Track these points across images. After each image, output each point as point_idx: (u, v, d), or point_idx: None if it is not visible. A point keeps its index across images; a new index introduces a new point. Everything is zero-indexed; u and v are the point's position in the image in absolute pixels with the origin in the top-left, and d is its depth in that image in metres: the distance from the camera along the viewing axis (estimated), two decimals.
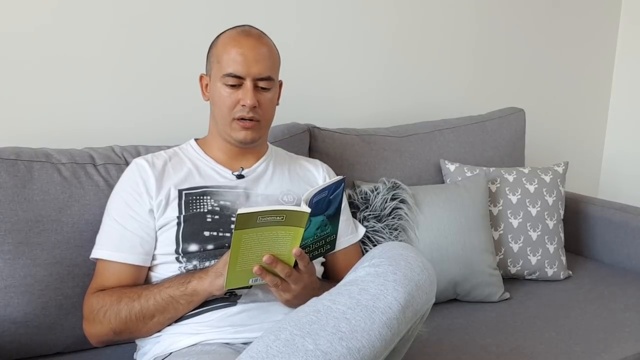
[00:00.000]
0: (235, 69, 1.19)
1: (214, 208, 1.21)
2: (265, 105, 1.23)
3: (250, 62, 1.19)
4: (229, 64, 1.20)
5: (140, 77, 1.61)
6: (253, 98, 1.19)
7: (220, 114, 1.23)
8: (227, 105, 1.21)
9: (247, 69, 1.19)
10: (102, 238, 1.21)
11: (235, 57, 1.19)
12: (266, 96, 1.23)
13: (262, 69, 1.20)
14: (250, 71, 1.19)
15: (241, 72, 1.19)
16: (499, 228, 1.71)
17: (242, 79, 1.20)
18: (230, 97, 1.20)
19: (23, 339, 1.24)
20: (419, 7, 2.05)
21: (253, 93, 1.20)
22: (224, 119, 1.23)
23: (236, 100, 1.20)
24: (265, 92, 1.23)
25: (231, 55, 1.20)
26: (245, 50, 1.20)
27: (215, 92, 1.23)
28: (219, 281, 1.07)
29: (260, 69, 1.20)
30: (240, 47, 1.20)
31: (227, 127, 1.23)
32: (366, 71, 1.99)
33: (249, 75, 1.19)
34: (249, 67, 1.19)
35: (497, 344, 1.38)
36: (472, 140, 1.90)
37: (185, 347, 1.11)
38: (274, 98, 1.27)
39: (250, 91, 1.19)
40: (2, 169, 1.25)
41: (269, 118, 1.28)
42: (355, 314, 0.90)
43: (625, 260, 1.87)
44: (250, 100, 1.19)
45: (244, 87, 1.20)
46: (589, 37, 2.51)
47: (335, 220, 1.09)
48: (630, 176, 2.62)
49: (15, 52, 1.45)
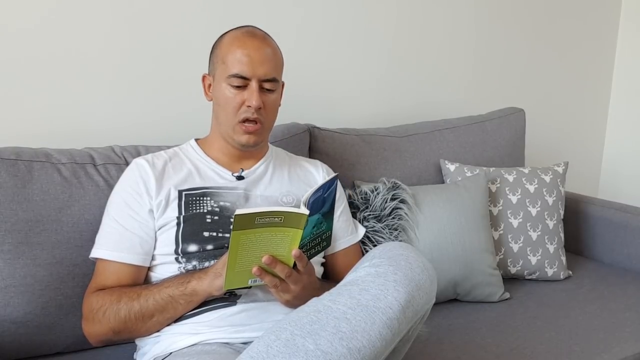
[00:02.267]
0: (241, 70, 1.19)
1: (214, 209, 1.21)
2: (269, 107, 1.23)
3: (255, 63, 1.19)
4: (234, 65, 1.19)
5: (141, 77, 1.61)
6: (259, 99, 1.19)
7: (225, 115, 1.23)
8: (233, 106, 1.21)
9: (252, 70, 1.19)
10: (101, 237, 1.21)
11: (241, 58, 1.19)
12: (271, 98, 1.23)
13: (267, 70, 1.20)
14: (256, 72, 1.19)
15: (247, 73, 1.19)
16: (499, 228, 1.71)
17: (248, 80, 1.20)
18: (235, 98, 1.20)
19: (23, 339, 1.24)
20: (419, 8, 2.05)
21: (258, 94, 1.19)
22: (228, 121, 1.23)
23: (241, 101, 1.20)
24: (269, 94, 1.23)
25: (236, 56, 1.19)
26: (250, 51, 1.19)
27: (220, 93, 1.22)
28: (218, 281, 1.07)
29: (266, 70, 1.20)
30: (245, 48, 1.20)
31: (230, 129, 1.23)
32: (366, 71, 1.99)
33: (255, 76, 1.19)
34: (255, 68, 1.19)
35: (497, 344, 1.38)
36: (472, 140, 1.90)
37: (185, 347, 1.11)
38: (277, 100, 1.26)
39: (256, 92, 1.19)
40: (2, 169, 1.25)
41: (272, 120, 1.28)
42: (356, 314, 0.90)
43: (625, 260, 1.87)
44: (255, 101, 1.19)
45: (249, 88, 1.20)
46: (589, 37, 2.52)
47: (330, 216, 1.09)
48: (630, 176, 2.62)
49: (15, 52, 1.44)
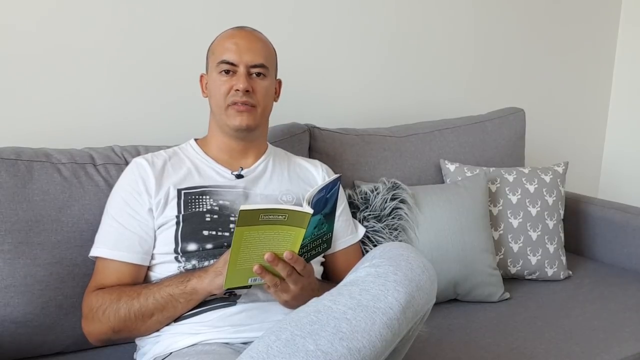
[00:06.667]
0: (228, 57, 1.23)
1: (213, 207, 1.21)
2: (260, 92, 1.24)
3: (242, 50, 1.23)
4: (222, 53, 1.24)
5: (140, 77, 1.61)
6: (245, 82, 1.21)
7: (216, 102, 1.25)
8: (222, 92, 1.23)
9: (239, 56, 1.22)
10: (101, 236, 1.21)
11: (229, 46, 1.24)
12: (261, 84, 1.25)
13: (254, 56, 1.23)
14: (243, 58, 1.23)
15: (234, 59, 1.22)
16: (499, 228, 1.71)
17: (236, 66, 1.23)
18: (224, 85, 1.23)
19: (23, 339, 1.24)
20: (419, 7, 2.05)
21: (246, 78, 1.22)
22: (219, 107, 1.25)
23: (230, 86, 1.23)
24: (259, 80, 1.25)
25: (225, 44, 1.24)
26: (238, 39, 1.24)
27: (211, 83, 1.26)
28: (218, 280, 1.07)
29: (253, 56, 1.23)
30: (233, 37, 1.25)
31: (223, 114, 1.25)
32: (366, 71, 1.99)
33: (242, 62, 1.23)
34: (242, 54, 1.23)
35: (497, 344, 1.38)
36: (472, 140, 1.90)
37: (185, 347, 1.11)
38: (269, 87, 1.27)
39: (243, 76, 1.22)
40: (2, 169, 1.25)
41: (265, 107, 1.28)
42: (356, 314, 0.90)
43: (625, 260, 1.87)
44: (242, 84, 1.21)
45: (237, 74, 1.23)
46: (589, 37, 2.52)
47: (331, 218, 1.09)
48: (630, 176, 2.62)
49: (15, 52, 1.45)
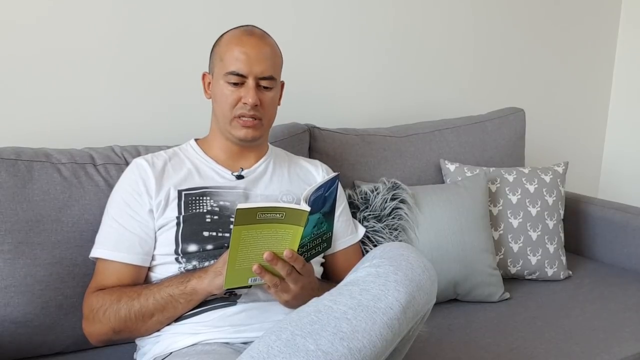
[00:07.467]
0: (238, 68, 1.20)
1: (214, 208, 1.21)
2: (266, 104, 1.24)
3: (252, 61, 1.20)
4: (231, 62, 1.20)
5: (141, 77, 1.60)
6: (255, 97, 1.20)
7: (222, 112, 1.23)
8: (229, 103, 1.21)
9: (249, 68, 1.20)
10: (101, 237, 1.21)
11: (238, 56, 1.20)
12: (268, 95, 1.23)
13: (264, 68, 1.21)
14: (252, 70, 1.20)
15: (244, 70, 1.20)
16: (499, 228, 1.71)
17: (245, 78, 1.20)
18: (232, 95, 1.21)
19: (23, 339, 1.24)
20: (419, 7, 2.05)
21: (255, 92, 1.20)
22: (225, 117, 1.23)
23: (238, 98, 1.21)
24: (267, 92, 1.23)
25: (234, 53, 1.20)
26: (248, 49, 1.20)
27: (218, 90, 1.23)
28: (218, 280, 1.07)
29: (263, 68, 1.20)
30: (243, 46, 1.20)
31: (228, 125, 1.24)
32: (366, 71, 1.99)
33: (252, 74, 1.20)
34: (252, 65, 1.20)
35: (497, 344, 1.38)
36: (472, 140, 1.90)
37: (185, 347, 1.11)
38: (275, 97, 1.27)
39: (252, 90, 1.20)
40: (2, 169, 1.25)
41: (270, 117, 1.28)
42: (357, 314, 0.90)
43: (625, 260, 1.87)
44: (252, 99, 1.19)
45: (246, 86, 1.20)
46: (589, 37, 2.52)
47: (331, 217, 1.09)
48: (630, 176, 2.62)
49: (15, 52, 1.44)
